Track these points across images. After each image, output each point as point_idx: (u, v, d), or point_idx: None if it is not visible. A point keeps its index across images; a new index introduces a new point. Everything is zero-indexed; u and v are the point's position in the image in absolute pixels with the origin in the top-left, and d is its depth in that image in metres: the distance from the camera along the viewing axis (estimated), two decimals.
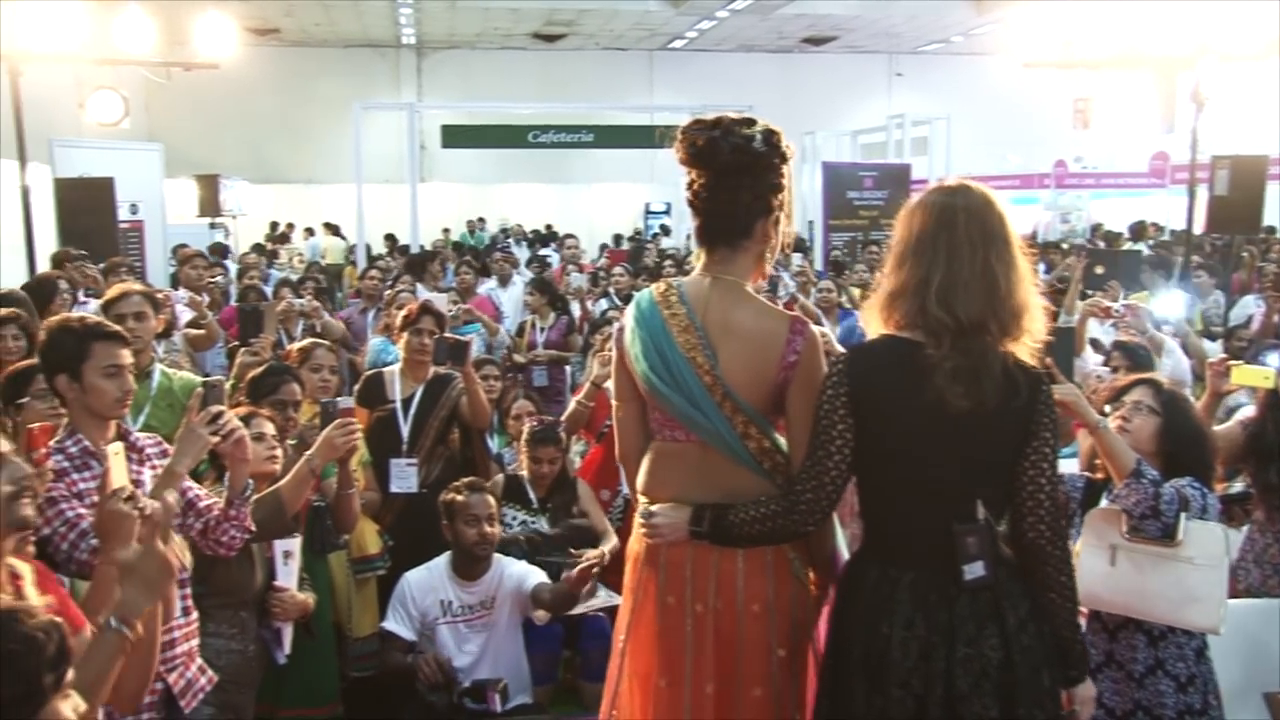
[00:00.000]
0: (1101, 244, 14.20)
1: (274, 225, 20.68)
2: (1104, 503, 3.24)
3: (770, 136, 2.50)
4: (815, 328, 2.55)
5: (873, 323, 2.46)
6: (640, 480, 2.64)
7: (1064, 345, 3.16)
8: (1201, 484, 3.15)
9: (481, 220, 22.15)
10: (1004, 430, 2.32)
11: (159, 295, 5.13)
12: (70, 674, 1.58)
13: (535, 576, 4.28)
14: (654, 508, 2.54)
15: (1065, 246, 14.22)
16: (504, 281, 9.77)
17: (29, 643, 1.53)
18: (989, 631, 2.29)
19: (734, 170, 2.48)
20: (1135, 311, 5.79)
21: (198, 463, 2.93)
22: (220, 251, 12.63)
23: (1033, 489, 2.34)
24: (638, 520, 2.59)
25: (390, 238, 16.26)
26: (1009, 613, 2.32)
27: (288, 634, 3.70)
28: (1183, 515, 3.04)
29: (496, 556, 4.30)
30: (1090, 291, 6.52)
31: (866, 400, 2.34)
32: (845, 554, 2.67)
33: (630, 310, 2.62)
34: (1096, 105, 15.17)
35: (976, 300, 2.28)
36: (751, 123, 2.50)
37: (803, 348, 2.47)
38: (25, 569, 2.30)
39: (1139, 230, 15.27)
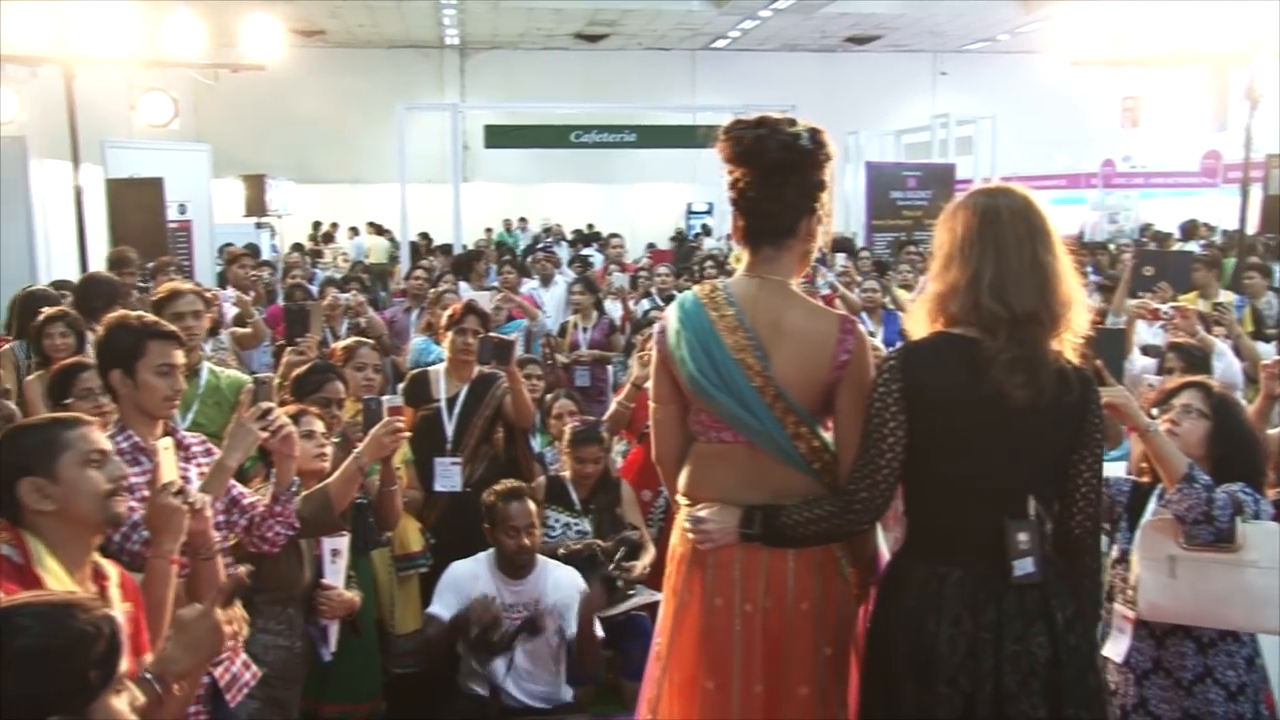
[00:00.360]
0: (1151, 244, 13.99)
1: (316, 225, 20.88)
2: (1152, 506, 3.19)
3: (815, 134, 2.51)
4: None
5: (919, 324, 2.48)
6: (681, 482, 2.63)
7: (1113, 347, 3.12)
8: (1254, 489, 3.10)
9: (523, 220, 22.22)
10: (1059, 427, 2.35)
11: (208, 294, 5.19)
12: (124, 666, 1.60)
13: (577, 586, 4.25)
14: (703, 512, 2.52)
15: (1113, 247, 14.04)
16: (546, 281, 9.81)
17: (77, 637, 1.55)
18: (1037, 629, 2.31)
19: (781, 168, 2.48)
20: (1185, 313, 5.70)
21: (247, 458, 2.97)
22: (254, 253, 12.79)
23: (1085, 488, 2.39)
24: (684, 525, 2.57)
25: (424, 236, 16.30)
26: (1057, 611, 2.33)
27: (334, 631, 3.73)
28: (1238, 518, 2.99)
29: (542, 559, 4.29)
30: (1143, 293, 6.41)
31: (920, 396, 2.35)
32: (886, 555, 2.67)
33: (672, 312, 2.61)
34: (1146, 103, 14.96)
35: (1029, 292, 2.31)
36: (793, 122, 2.51)
37: (854, 347, 2.49)
38: (112, 571, 2.35)
39: (1190, 229, 15.03)
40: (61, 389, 3.87)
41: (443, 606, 4.17)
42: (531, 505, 4.22)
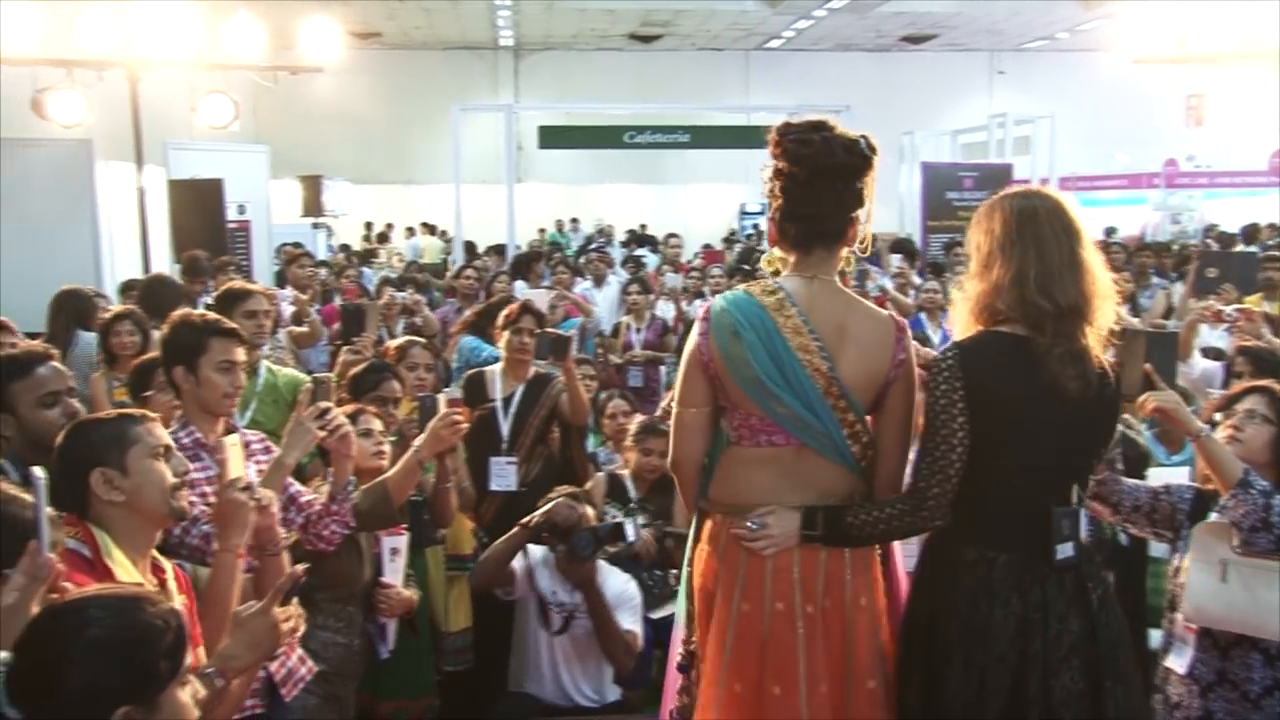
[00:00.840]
0: (1215, 245, 13.72)
1: (368, 225, 21.08)
2: (1213, 516, 3.12)
3: (869, 141, 2.56)
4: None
5: (963, 323, 2.58)
6: (715, 488, 2.61)
7: (1166, 350, 3.05)
8: None
9: (574, 221, 22.27)
10: (1101, 418, 2.54)
11: (268, 294, 5.27)
12: (189, 660, 1.64)
13: (631, 597, 4.22)
14: (767, 518, 2.49)
15: (1176, 248, 13.80)
16: (599, 281, 9.84)
17: (147, 630, 1.58)
18: (1076, 610, 2.46)
19: (844, 172, 2.52)
20: (1250, 316, 5.58)
21: (305, 455, 3.01)
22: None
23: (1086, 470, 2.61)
24: (738, 531, 2.52)
25: (469, 245, 16.29)
26: (1092, 593, 2.49)
27: (392, 629, 3.77)
28: None
29: (599, 564, 4.23)
30: (1207, 295, 6.28)
31: (980, 392, 2.44)
32: (897, 547, 2.75)
33: (722, 314, 2.55)
34: (1211, 101, 14.68)
35: (1071, 286, 2.44)
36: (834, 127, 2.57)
37: (907, 346, 2.56)
38: (167, 565, 2.40)
39: (1251, 233, 14.71)
40: (142, 383, 3.95)
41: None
42: (589, 513, 4.21)
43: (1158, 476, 3.71)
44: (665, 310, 8.65)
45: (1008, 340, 2.46)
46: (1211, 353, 5.91)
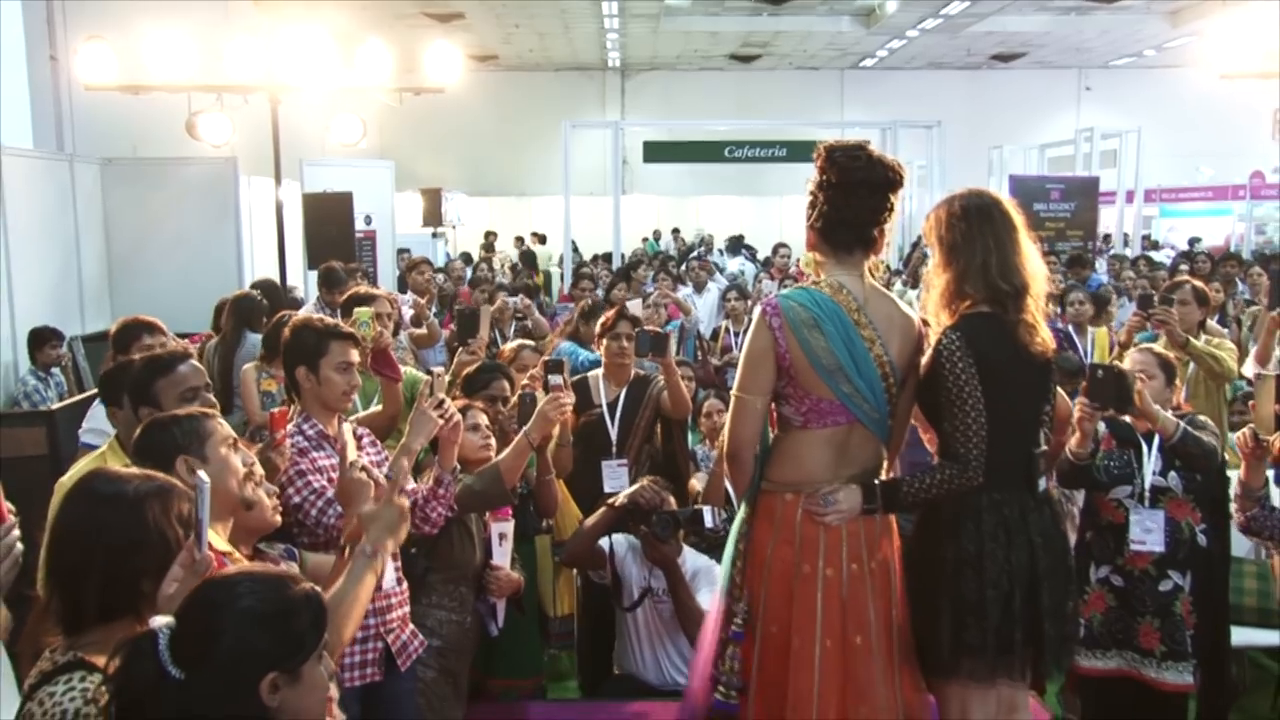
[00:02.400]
0: None
1: (487, 235, 21.34)
2: None
3: (899, 164, 2.83)
4: None
5: (934, 308, 2.84)
6: (773, 470, 2.80)
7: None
8: None
9: (657, 232, 22.13)
10: (1050, 374, 2.86)
11: (391, 298, 5.40)
12: (326, 637, 1.71)
13: (713, 579, 4.19)
14: (837, 494, 2.72)
15: (1245, 258, 13.17)
16: (699, 288, 9.86)
17: (292, 604, 1.66)
18: (1052, 532, 2.83)
19: (884, 185, 2.75)
20: None
21: (428, 441, 3.08)
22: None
23: (1051, 419, 2.95)
24: (809, 506, 2.72)
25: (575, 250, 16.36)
26: (1062, 520, 2.91)
27: (501, 609, 3.83)
28: None
29: (684, 549, 4.25)
30: None
31: (983, 362, 2.72)
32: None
33: (799, 309, 2.72)
34: None
35: (1024, 270, 2.78)
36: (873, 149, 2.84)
37: (924, 336, 2.87)
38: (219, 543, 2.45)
39: None
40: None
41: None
42: (671, 497, 4.18)
43: None
44: None
45: (986, 318, 2.76)
46: None
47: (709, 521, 4.10)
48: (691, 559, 4.21)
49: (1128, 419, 3.69)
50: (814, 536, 2.72)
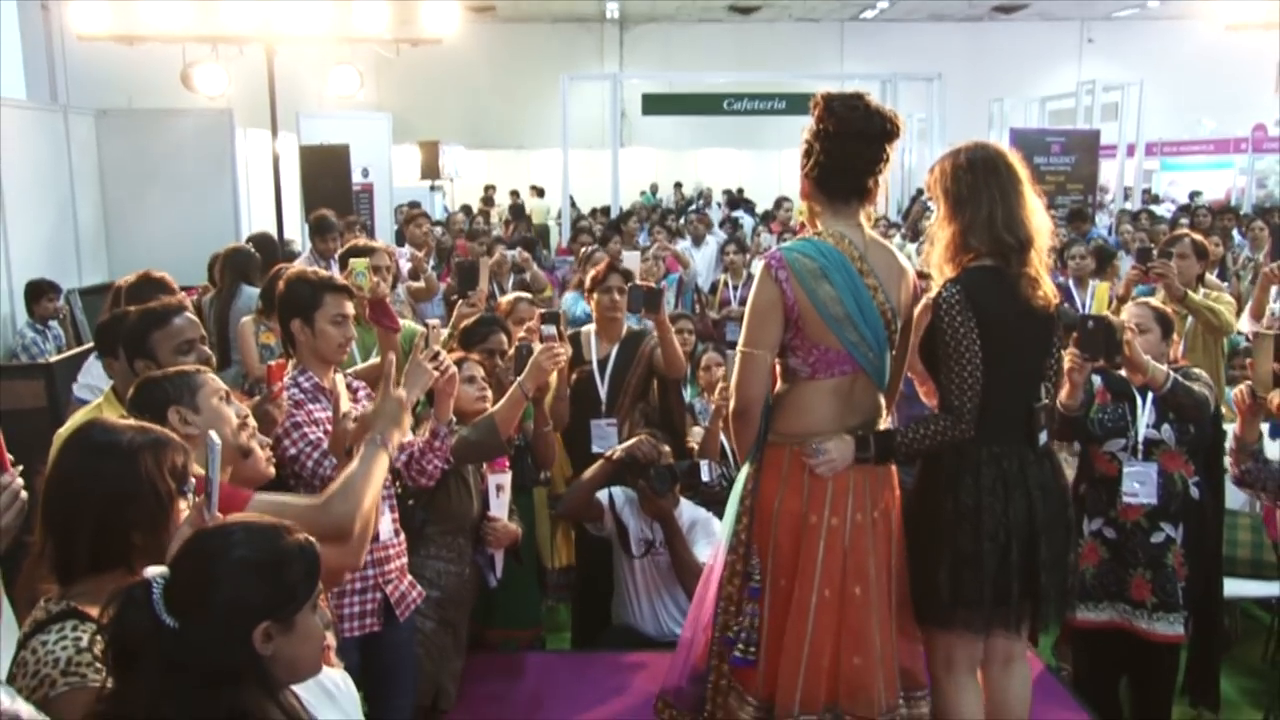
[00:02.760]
0: None
1: (487, 188, 21.22)
2: None
3: (896, 116, 2.80)
4: None
5: (939, 261, 2.84)
6: (780, 422, 2.79)
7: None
8: None
9: (679, 184, 22.07)
10: (1053, 327, 2.86)
11: (388, 250, 5.36)
12: (320, 586, 1.71)
13: (709, 530, 4.18)
14: (828, 444, 2.71)
15: (1245, 212, 13.07)
16: (698, 241, 9.82)
17: (286, 554, 1.66)
18: (1051, 486, 2.83)
19: (880, 136, 2.73)
20: None
21: (424, 393, 3.07)
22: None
23: (1053, 374, 2.97)
24: (805, 456, 2.72)
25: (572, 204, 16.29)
26: (1063, 474, 2.92)
27: (499, 560, 3.84)
28: None
29: (682, 504, 4.23)
30: None
31: (982, 315, 2.72)
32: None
33: (804, 260, 2.70)
34: None
35: (1029, 224, 2.77)
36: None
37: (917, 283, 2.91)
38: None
39: None
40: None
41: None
42: (668, 450, 4.17)
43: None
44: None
45: (989, 272, 2.76)
46: None
47: (706, 476, 4.10)
48: (689, 511, 4.22)
49: (1122, 372, 3.69)
50: (821, 487, 2.72)
